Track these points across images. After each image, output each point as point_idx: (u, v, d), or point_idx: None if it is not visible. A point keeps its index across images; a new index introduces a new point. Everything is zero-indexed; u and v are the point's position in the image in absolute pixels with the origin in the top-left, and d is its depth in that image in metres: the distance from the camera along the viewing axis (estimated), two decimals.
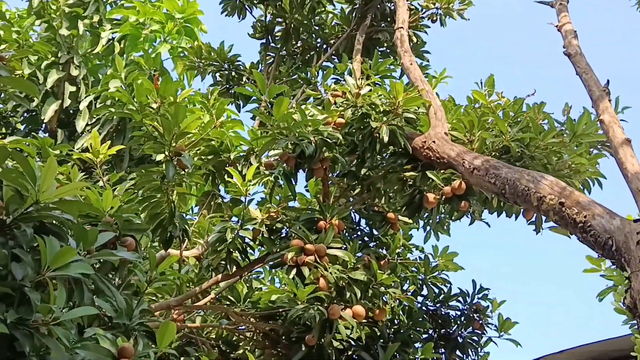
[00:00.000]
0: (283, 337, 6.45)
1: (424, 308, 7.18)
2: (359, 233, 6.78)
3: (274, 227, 6.23)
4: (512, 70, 19.92)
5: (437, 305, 7.25)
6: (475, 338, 7.21)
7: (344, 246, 5.93)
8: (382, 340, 6.34)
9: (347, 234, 6.59)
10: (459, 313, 7.26)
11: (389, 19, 9.32)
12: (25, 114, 10.04)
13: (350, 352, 6.38)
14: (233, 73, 9.47)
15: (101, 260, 3.89)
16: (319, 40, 9.74)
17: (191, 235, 6.50)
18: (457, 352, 7.15)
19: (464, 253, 7.49)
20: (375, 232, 6.79)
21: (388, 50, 9.42)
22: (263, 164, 6.23)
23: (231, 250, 6.08)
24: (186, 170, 5.59)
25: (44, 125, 9.83)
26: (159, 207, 5.82)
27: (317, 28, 9.69)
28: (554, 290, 19.08)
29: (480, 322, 7.19)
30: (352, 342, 6.33)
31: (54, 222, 3.51)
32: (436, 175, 5.78)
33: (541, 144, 5.77)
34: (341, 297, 5.76)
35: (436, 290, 7.21)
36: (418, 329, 6.84)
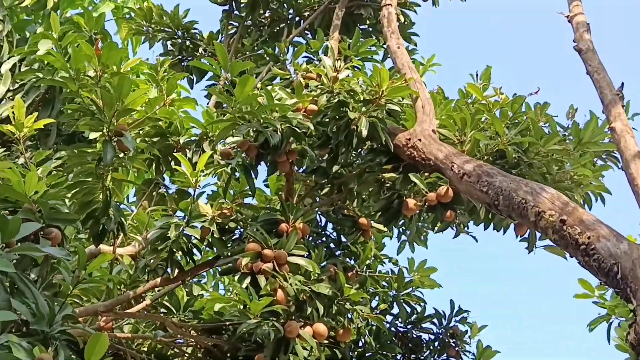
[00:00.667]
0: (228, 355, 6.38)
1: (393, 329, 7.19)
2: (324, 239, 6.76)
3: (227, 227, 6.16)
4: (510, 63, 20.12)
5: (409, 326, 7.28)
6: None
7: (308, 254, 5.89)
8: None
9: (311, 240, 6.56)
10: (432, 337, 7.29)
11: None
12: None
13: None
14: (187, 42, 9.32)
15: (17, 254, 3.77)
16: (291, 11, 9.64)
17: (127, 230, 6.38)
18: None
19: (442, 268, 7.51)
20: (343, 240, 6.78)
21: (370, 29, 9.39)
22: (218, 152, 6.15)
23: (174, 250, 5.99)
24: (127, 153, 5.49)
25: None
26: (92, 195, 5.71)
27: None
28: (548, 309, 19.40)
29: (457, 348, 7.23)
30: None
31: None
32: (420, 179, 5.76)
33: (542, 150, 5.80)
34: (301, 313, 5.71)
35: (408, 310, 7.23)
36: (385, 353, 6.84)
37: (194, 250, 6.12)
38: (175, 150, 6.47)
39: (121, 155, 5.50)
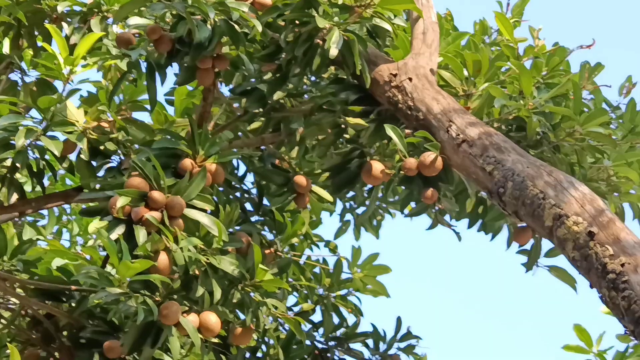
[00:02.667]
0: (64, 333, 6.27)
1: (308, 342, 7.15)
2: (239, 195, 6.71)
3: (103, 148, 6.01)
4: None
5: (331, 343, 7.27)
6: None
7: (214, 210, 5.81)
8: None
9: (222, 192, 6.50)
10: None
11: None
12: None
13: None
14: None
15: None
16: None
17: None
18: None
19: (394, 269, 7.60)
20: (266, 202, 6.74)
21: None
22: (113, 35, 6.07)
23: (17, 165, 5.83)
24: None
25: None
26: None
27: None
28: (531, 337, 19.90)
29: None
30: None
31: None
32: (399, 135, 5.70)
33: (577, 131, 5.82)
34: (187, 293, 5.65)
35: (336, 320, 7.23)
36: None
37: (47, 172, 6.03)
38: (47, 21, 6.36)
39: None
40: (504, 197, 5.07)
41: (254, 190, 6.84)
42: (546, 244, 6.25)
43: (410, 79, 5.81)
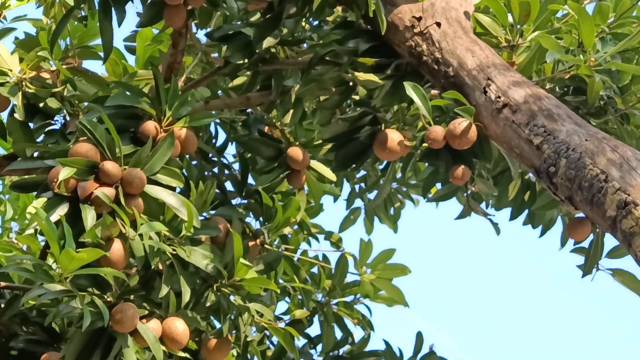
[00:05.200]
0: None
1: None
2: (218, 170, 6.78)
3: (43, 105, 6.09)
4: None
5: None
6: None
7: (184, 187, 5.86)
8: None
9: (195, 165, 6.54)
10: None
11: None
12: None
13: None
14: None
15: None
16: None
17: None
18: None
19: (415, 272, 7.63)
20: (251, 180, 6.81)
21: None
22: None
23: None
24: None
25: None
26: None
27: None
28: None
29: None
30: None
31: None
32: (422, 96, 5.70)
33: None
34: (148, 293, 5.71)
35: (340, 334, 7.31)
36: None
37: None
38: None
39: None
40: (555, 178, 5.07)
41: (235, 165, 6.90)
42: (610, 241, 6.24)
43: (438, 24, 5.82)
